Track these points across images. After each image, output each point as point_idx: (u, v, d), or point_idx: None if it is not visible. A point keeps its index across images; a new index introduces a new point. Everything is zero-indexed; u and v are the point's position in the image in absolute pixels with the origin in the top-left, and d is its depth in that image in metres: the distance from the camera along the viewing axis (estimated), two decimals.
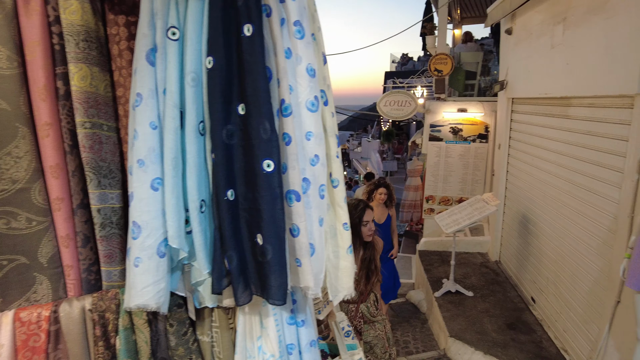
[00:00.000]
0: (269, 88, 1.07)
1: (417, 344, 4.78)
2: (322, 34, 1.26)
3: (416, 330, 4.95)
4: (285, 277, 1.10)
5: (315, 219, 1.17)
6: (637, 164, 2.91)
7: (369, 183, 4.71)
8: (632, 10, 2.92)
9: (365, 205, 2.73)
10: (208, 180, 1.15)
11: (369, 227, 2.70)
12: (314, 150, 1.16)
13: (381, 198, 4.63)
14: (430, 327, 5.05)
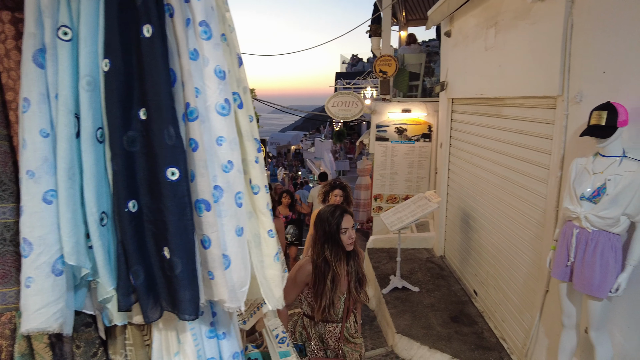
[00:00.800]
0: (171, 91, 1.01)
1: (366, 341, 4.81)
2: (237, 34, 1.22)
3: (365, 327, 5.00)
4: (196, 291, 1.05)
5: (230, 228, 1.13)
6: (559, 161, 3.10)
7: (324, 184, 4.58)
8: (552, 17, 3.11)
9: (343, 210, 2.41)
10: (109, 190, 1.07)
11: (349, 234, 2.37)
12: (226, 156, 1.12)
13: (337, 200, 4.42)
14: (379, 324, 5.13)
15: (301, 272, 2.41)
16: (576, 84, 2.91)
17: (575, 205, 2.56)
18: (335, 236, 2.37)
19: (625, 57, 2.49)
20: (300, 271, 2.42)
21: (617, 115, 2.34)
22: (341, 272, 2.40)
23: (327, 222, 2.36)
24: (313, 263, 2.41)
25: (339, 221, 2.37)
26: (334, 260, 2.35)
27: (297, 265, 2.48)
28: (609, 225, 2.40)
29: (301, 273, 2.41)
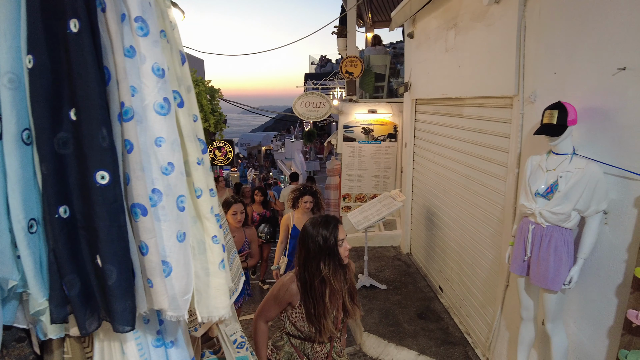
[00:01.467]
0: (102, 90, 0.95)
1: None
2: (179, 31, 1.17)
3: None
4: (131, 300, 1.00)
5: (170, 234, 1.08)
6: (516, 159, 3.19)
7: (294, 189, 4.32)
8: (506, 19, 3.20)
9: (336, 221, 2.19)
10: (39, 196, 1.01)
11: (345, 246, 2.15)
12: (166, 157, 1.07)
13: (306, 206, 4.22)
14: (348, 323, 5.13)
15: (284, 291, 2.16)
16: (530, 84, 3.00)
17: (530, 201, 2.64)
18: (334, 251, 2.10)
19: (574, 59, 2.59)
20: (284, 290, 2.16)
21: (567, 114, 2.42)
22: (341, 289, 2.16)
23: (323, 236, 2.09)
24: (304, 283, 2.14)
25: (335, 233, 2.10)
26: (333, 278, 2.10)
27: (280, 282, 2.22)
28: (561, 221, 2.48)
29: (284, 292, 2.16)
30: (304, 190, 4.23)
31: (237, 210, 3.60)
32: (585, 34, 2.49)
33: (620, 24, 2.29)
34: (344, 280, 2.21)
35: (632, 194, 2.27)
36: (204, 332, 1.42)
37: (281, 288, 2.18)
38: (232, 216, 3.56)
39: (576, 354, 2.66)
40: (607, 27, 2.36)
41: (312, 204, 4.21)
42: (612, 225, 2.40)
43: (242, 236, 3.77)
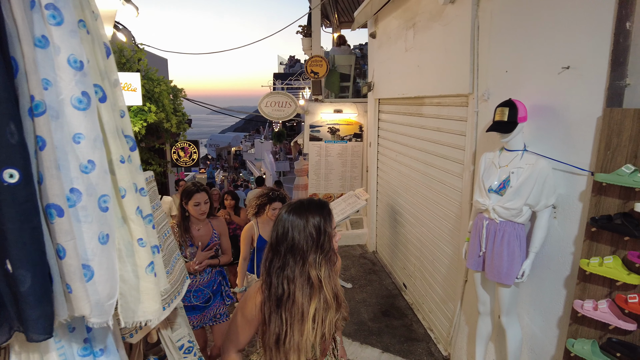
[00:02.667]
0: (8, 82, 0.88)
1: None
2: (101, 22, 1.10)
3: None
4: (48, 307, 0.93)
5: (92, 235, 1.01)
6: (472, 156, 3.25)
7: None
8: (461, 19, 3.26)
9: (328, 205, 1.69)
10: None
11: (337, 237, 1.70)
12: (86, 155, 1.00)
13: (274, 215, 3.52)
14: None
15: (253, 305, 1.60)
16: (484, 83, 3.07)
17: (484, 197, 2.68)
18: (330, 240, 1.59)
19: (524, 58, 2.65)
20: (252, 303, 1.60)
21: (517, 112, 2.48)
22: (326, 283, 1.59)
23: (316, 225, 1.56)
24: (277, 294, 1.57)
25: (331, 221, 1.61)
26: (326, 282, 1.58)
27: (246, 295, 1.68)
28: (513, 216, 2.53)
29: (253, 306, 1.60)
30: (273, 195, 3.61)
31: (200, 201, 3.06)
32: (533, 34, 2.56)
33: (564, 25, 2.36)
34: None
35: (577, 188, 2.35)
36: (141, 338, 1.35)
37: (249, 301, 1.62)
38: (194, 207, 3.04)
39: (529, 344, 2.73)
40: (552, 28, 2.43)
41: None
42: (560, 219, 2.47)
43: (208, 229, 3.20)
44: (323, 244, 1.57)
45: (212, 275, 3.19)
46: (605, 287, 2.19)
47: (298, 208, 1.60)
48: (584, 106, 2.27)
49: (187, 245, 3.08)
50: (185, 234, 3.07)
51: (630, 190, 2.02)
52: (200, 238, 3.12)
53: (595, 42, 2.19)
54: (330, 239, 1.60)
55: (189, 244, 3.09)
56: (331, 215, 1.64)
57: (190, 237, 3.09)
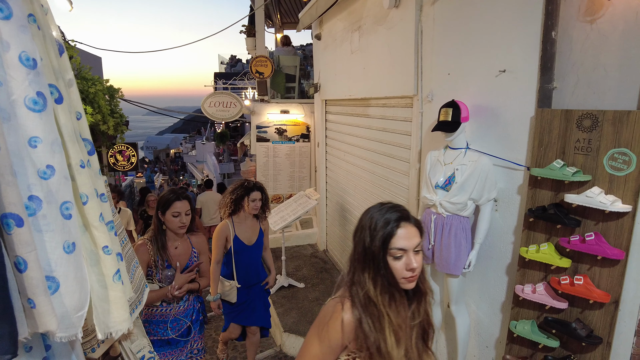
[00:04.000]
0: None
1: None
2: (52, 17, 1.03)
3: None
4: (9, 325, 0.86)
5: (55, 245, 0.95)
6: (417, 155, 3.41)
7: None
8: (405, 23, 3.40)
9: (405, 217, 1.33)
10: None
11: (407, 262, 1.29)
12: (44, 159, 0.94)
13: (256, 206, 3.24)
14: None
15: (334, 327, 1.29)
16: (428, 85, 3.23)
17: (431, 193, 2.82)
18: (379, 260, 1.29)
19: (464, 61, 2.83)
20: (334, 325, 1.29)
21: (460, 112, 2.64)
22: (402, 325, 1.30)
23: (372, 229, 1.31)
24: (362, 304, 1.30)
25: (391, 233, 1.28)
26: (383, 304, 1.29)
27: (324, 313, 1.35)
28: (459, 210, 2.70)
29: (334, 328, 1.29)
30: (251, 185, 3.25)
31: (181, 211, 2.50)
32: (473, 39, 2.74)
33: (500, 32, 2.56)
34: (410, 313, 1.36)
35: (515, 182, 2.55)
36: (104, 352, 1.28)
37: (330, 323, 1.29)
38: (173, 219, 2.50)
39: (476, 330, 2.92)
40: (490, 34, 2.62)
41: (261, 202, 3.29)
42: (501, 211, 2.67)
43: (187, 247, 2.66)
44: (373, 257, 1.29)
45: (191, 302, 2.69)
46: (541, 272, 2.40)
47: (379, 205, 1.37)
48: (519, 107, 2.48)
49: (162, 266, 2.52)
50: (162, 252, 2.52)
51: (561, 183, 2.24)
52: (178, 257, 2.59)
53: (527, 48, 2.39)
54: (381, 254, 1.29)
55: (166, 264, 2.54)
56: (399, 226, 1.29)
57: (167, 256, 2.54)
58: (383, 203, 1.38)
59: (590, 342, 2.17)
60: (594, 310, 2.19)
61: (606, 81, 2.14)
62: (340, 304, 1.30)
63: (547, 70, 2.35)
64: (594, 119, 2.12)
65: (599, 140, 2.11)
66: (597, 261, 2.13)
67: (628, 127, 2.01)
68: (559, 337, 2.32)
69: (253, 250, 3.33)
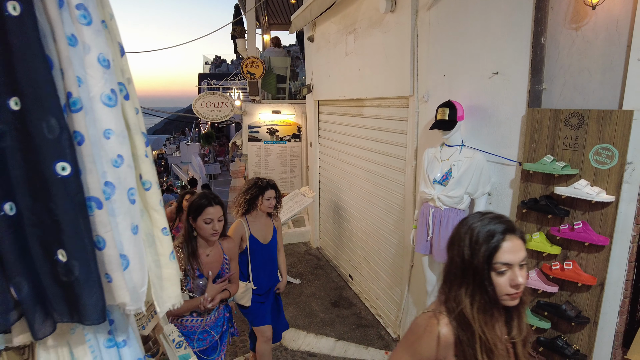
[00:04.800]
0: (52, 78, 0.91)
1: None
2: (115, 22, 1.14)
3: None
4: (101, 292, 0.97)
5: (125, 227, 1.06)
6: (414, 152, 3.58)
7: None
8: (401, 27, 3.57)
9: (510, 229, 1.24)
10: None
11: (512, 278, 1.19)
12: (115, 149, 1.05)
13: (270, 205, 3.16)
14: None
15: (428, 342, 1.24)
16: (424, 86, 3.40)
17: (429, 188, 2.99)
18: (482, 276, 1.20)
19: (459, 64, 3.01)
20: (428, 338, 1.24)
21: (457, 111, 2.82)
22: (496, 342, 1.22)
23: (472, 242, 1.22)
24: (459, 319, 1.24)
25: (496, 245, 1.20)
26: (481, 322, 1.21)
27: (416, 326, 1.30)
28: (456, 203, 2.87)
29: (428, 343, 1.24)
30: (264, 184, 3.15)
31: (214, 217, 2.35)
32: (467, 43, 2.92)
33: (493, 37, 2.74)
34: (510, 330, 1.29)
35: (508, 177, 2.74)
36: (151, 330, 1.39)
37: (424, 338, 1.25)
38: (205, 226, 2.35)
39: None
40: (483, 39, 2.80)
41: (275, 200, 3.20)
42: (494, 204, 2.85)
43: (219, 254, 2.51)
44: (475, 272, 1.21)
45: (220, 312, 2.55)
46: (534, 259, 2.59)
47: (478, 215, 1.29)
48: (511, 106, 2.67)
49: (194, 275, 2.37)
50: (192, 260, 2.37)
51: (551, 176, 2.43)
52: (210, 265, 2.44)
53: (518, 52, 2.59)
54: (484, 269, 1.19)
55: (197, 273, 2.39)
56: (504, 239, 1.20)
57: (198, 264, 2.39)
58: (483, 213, 1.28)
59: (578, 322, 2.36)
60: (582, 293, 2.39)
61: (590, 83, 2.34)
62: (435, 318, 1.24)
63: (537, 72, 2.54)
64: (580, 117, 2.32)
65: (584, 137, 2.31)
66: (584, 247, 2.33)
67: (610, 125, 2.21)
68: (550, 319, 2.51)
69: (269, 249, 3.23)
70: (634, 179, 2.20)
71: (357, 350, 3.92)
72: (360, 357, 3.83)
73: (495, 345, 1.21)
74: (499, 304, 1.23)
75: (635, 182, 2.20)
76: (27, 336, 1.00)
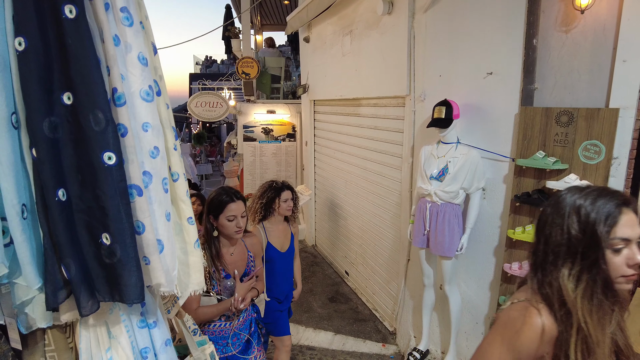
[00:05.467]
0: (102, 75, 0.99)
1: None
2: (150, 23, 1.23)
3: None
4: (141, 274, 1.06)
5: (160, 214, 1.14)
6: (410, 150, 3.69)
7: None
8: (398, 28, 3.68)
9: (625, 201, 1.09)
10: (28, 181, 0.99)
11: (629, 256, 1.04)
12: (152, 142, 1.13)
13: (288, 207, 3.01)
14: None
15: (525, 337, 1.09)
16: (420, 85, 3.52)
17: (426, 184, 3.11)
18: (597, 253, 1.06)
19: (455, 64, 3.13)
20: (525, 333, 1.09)
21: (452, 110, 2.94)
22: (600, 340, 1.05)
23: (584, 216, 1.08)
24: (557, 309, 1.09)
25: (612, 219, 1.06)
26: (587, 314, 1.05)
27: (506, 319, 1.16)
28: (452, 198, 2.99)
29: (524, 338, 1.09)
30: (280, 185, 3.04)
31: (237, 214, 2.19)
32: (463, 44, 3.05)
33: (487, 39, 2.87)
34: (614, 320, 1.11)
35: (501, 172, 2.87)
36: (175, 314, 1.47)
37: (524, 331, 1.09)
38: (228, 223, 2.19)
39: (467, 308, 3.22)
40: (478, 40, 2.93)
41: (293, 202, 3.07)
42: (489, 199, 2.98)
43: (243, 251, 2.39)
44: (589, 248, 1.06)
45: (249, 313, 2.43)
46: (526, 251, 2.70)
47: (576, 189, 1.14)
48: (505, 105, 2.79)
49: (220, 276, 2.23)
50: (217, 261, 2.23)
51: (542, 171, 2.56)
52: (235, 265, 2.30)
53: (511, 53, 2.71)
54: (600, 244, 1.05)
55: (223, 274, 2.24)
56: (621, 212, 1.06)
57: (223, 265, 2.25)
58: (582, 187, 1.14)
59: None
60: None
61: (579, 83, 2.48)
62: (535, 308, 1.09)
63: (529, 73, 2.68)
64: (570, 115, 2.45)
65: (574, 133, 2.45)
66: None
67: (598, 122, 2.35)
68: None
69: (287, 257, 3.06)
70: (619, 173, 2.34)
71: (355, 343, 4.02)
72: (358, 349, 3.93)
73: (598, 344, 1.03)
74: (612, 289, 1.07)
75: (621, 176, 2.35)
76: (73, 314, 1.08)
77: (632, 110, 2.28)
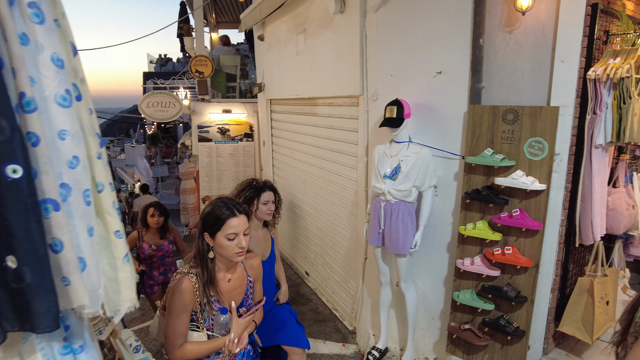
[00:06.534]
0: (3, 78, 0.89)
1: None
2: (68, 20, 1.12)
3: None
4: (54, 298, 0.95)
5: (82, 229, 1.05)
6: (365, 149, 3.70)
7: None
8: (350, 28, 3.66)
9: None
10: None
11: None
12: (71, 151, 1.03)
13: (268, 211, 2.71)
14: None
15: None
16: (373, 85, 3.52)
17: (380, 183, 3.11)
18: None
19: (405, 64, 3.15)
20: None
21: (404, 109, 2.95)
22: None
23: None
24: None
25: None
26: None
27: None
28: (405, 196, 3.01)
29: None
30: (261, 185, 2.71)
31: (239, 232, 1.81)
32: (413, 44, 3.07)
33: (436, 38, 2.90)
34: None
35: (452, 170, 2.92)
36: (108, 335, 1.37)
37: None
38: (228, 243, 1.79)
39: (423, 304, 3.26)
40: (427, 40, 2.96)
41: (274, 204, 2.77)
42: (440, 196, 3.03)
43: (242, 276, 1.99)
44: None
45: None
46: (477, 246, 2.78)
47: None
48: (454, 104, 2.84)
49: (211, 310, 1.83)
50: (210, 290, 1.82)
51: (491, 168, 2.62)
52: (232, 293, 1.91)
53: (459, 53, 2.76)
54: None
55: (217, 306, 1.85)
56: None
57: (217, 294, 1.85)
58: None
59: (518, 301, 2.58)
60: (521, 274, 2.61)
61: (523, 82, 2.56)
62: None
63: (476, 72, 2.74)
64: (515, 113, 2.52)
65: (520, 131, 2.52)
66: (522, 233, 2.54)
67: (541, 120, 2.44)
68: (494, 300, 2.72)
69: (268, 265, 2.75)
70: (561, 169, 2.44)
71: (315, 344, 3.98)
72: (318, 351, 3.90)
73: None
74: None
75: (562, 171, 2.44)
76: None
77: (571, 108, 2.37)
